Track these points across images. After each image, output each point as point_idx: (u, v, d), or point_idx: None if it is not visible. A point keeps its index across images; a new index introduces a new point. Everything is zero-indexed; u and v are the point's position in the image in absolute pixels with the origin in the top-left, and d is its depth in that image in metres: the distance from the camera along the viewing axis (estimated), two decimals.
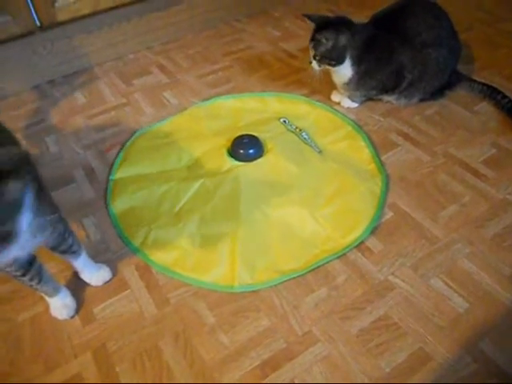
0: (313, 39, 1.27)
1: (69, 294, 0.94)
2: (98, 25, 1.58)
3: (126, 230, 1.08)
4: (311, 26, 1.28)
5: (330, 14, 1.32)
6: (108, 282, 0.99)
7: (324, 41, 1.24)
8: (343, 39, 1.23)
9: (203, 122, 1.37)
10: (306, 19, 1.29)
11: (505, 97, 1.33)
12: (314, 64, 1.30)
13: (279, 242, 1.03)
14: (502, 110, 1.34)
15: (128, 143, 1.32)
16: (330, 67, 1.30)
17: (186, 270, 0.99)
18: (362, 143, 1.27)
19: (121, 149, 1.30)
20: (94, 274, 0.98)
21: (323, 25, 1.25)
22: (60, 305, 0.92)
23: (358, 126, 1.33)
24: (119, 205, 1.13)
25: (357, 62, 1.27)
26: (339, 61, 1.27)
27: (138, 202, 1.13)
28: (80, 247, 0.93)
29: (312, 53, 1.28)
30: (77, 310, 0.94)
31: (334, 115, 1.37)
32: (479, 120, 1.33)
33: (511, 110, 1.31)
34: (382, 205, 1.10)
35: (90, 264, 0.97)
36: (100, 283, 0.98)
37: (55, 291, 0.91)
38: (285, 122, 1.33)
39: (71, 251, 0.91)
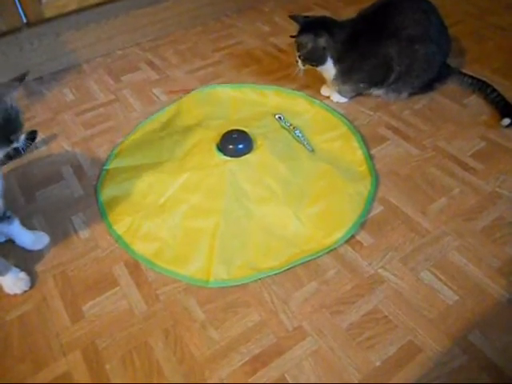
0: (296, 41, 1.30)
1: (20, 270, 0.96)
2: (85, 21, 1.57)
3: (110, 217, 1.09)
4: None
5: (320, 9, 1.32)
6: (47, 245, 1.03)
7: (304, 44, 1.27)
8: (322, 41, 1.27)
9: (200, 110, 1.37)
10: (292, 20, 1.32)
11: (494, 91, 1.33)
12: (299, 63, 1.33)
13: (260, 239, 1.03)
14: (491, 104, 1.34)
15: (128, 136, 1.32)
16: (313, 67, 1.32)
17: (165, 261, 1.00)
18: (356, 144, 1.26)
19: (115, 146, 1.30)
20: (32, 238, 1.03)
21: (305, 27, 1.28)
22: (14, 280, 0.95)
23: (354, 127, 1.31)
24: (107, 192, 1.14)
25: (338, 61, 1.30)
26: (320, 62, 1.30)
27: (125, 190, 1.14)
28: (12, 213, 0.98)
29: (296, 53, 1.31)
30: (31, 285, 0.96)
31: (331, 114, 1.36)
32: (468, 113, 1.34)
33: (500, 104, 1.31)
34: (368, 207, 1.09)
35: (25, 229, 1.02)
36: (41, 246, 1.03)
37: (6, 269, 0.94)
38: (280, 118, 1.32)
39: (6, 216, 0.97)
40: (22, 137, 0.87)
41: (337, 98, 1.40)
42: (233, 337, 0.87)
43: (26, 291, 0.95)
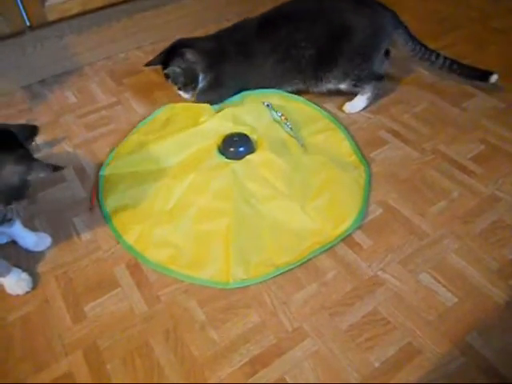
0: (167, 77, 1.35)
1: (22, 271, 0.97)
2: (88, 24, 1.58)
3: (118, 228, 1.08)
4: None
5: None
6: (49, 246, 1.05)
7: (176, 72, 1.31)
8: (190, 57, 1.31)
9: (191, 108, 1.36)
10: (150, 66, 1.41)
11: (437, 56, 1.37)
12: (183, 94, 1.37)
13: (271, 236, 1.04)
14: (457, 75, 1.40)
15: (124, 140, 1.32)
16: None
17: (181, 267, 1.00)
18: (341, 135, 1.28)
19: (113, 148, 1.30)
20: (34, 239, 1.04)
21: (166, 58, 1.33)
22: (16, 280, 0.96)
23: (335, 118, 1.33)
24: (111, 202, 1.13)
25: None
26: (197, 80, 1.33)
27: (130, 200, 1.13)
28: (13, 214, 0.97)
29: (175, 87, 1.36)
30: (33, 286, 0.97)
31: (309, 107, 1.37)
32: (468, 117, 1.34)
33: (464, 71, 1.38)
34: (367, 195, 1.12)
35: (27, 230, 1.03)
36: (43, 247, 1.04)
37: (8, 270, 0.94)
38: (268, 106, 1.31)
39: (7, 219, 0.94)
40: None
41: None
42: (233, 338, 0.88)
43: (28, 292, 0.96)
